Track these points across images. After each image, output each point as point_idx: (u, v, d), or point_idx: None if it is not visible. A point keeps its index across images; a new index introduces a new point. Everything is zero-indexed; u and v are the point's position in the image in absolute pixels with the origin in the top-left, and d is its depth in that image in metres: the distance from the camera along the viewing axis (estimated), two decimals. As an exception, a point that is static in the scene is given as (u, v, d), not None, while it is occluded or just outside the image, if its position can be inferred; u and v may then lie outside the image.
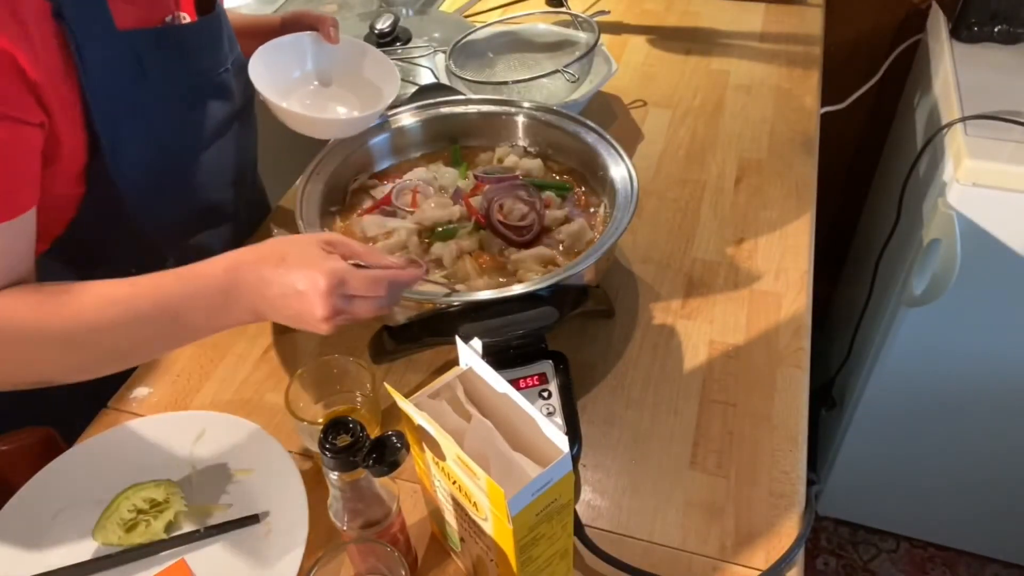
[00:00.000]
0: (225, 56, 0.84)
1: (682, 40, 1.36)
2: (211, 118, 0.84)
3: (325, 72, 0.96)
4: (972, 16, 1.25)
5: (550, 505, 0.50)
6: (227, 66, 0.85)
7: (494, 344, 0.67)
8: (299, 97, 0.94)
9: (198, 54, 0.80)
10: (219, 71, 0.83)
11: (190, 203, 0.87)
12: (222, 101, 0.85)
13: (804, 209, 0.99)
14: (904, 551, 1.64)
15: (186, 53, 0.79)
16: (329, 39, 0.93)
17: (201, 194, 0.88)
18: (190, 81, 0.80)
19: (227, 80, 0.85)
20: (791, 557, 0.64)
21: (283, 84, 0.92)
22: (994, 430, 1.32)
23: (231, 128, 0.88)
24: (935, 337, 1.23)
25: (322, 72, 0.96)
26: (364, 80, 0.96)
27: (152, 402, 0.79)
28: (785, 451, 0.72)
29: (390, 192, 0.90)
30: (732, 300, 0.87)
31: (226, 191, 0.91)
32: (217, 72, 0.83)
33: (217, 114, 0.84)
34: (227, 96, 0.86)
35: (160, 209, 0.83)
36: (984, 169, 1.03)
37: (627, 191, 0.81)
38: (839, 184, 1.79)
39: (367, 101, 0.94)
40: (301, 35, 0.93)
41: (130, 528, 0.66)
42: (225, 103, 0.86)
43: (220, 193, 0.91)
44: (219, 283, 0.63)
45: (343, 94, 0.97)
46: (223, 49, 0.84)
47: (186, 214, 0.87)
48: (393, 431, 0.54)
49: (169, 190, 0.83)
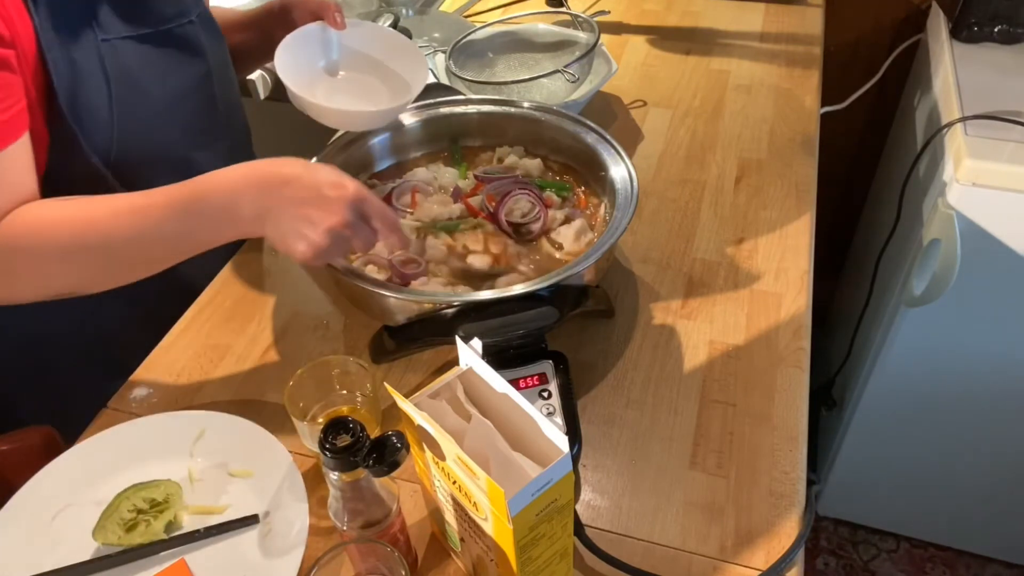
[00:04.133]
0: (188, 8, 0.84)
1: (682, 40, 1.36)
2: (179, 70, 0.83)
3: (351, 61, 0.94)
4: (972, 16, 1.25)
5: (550, 505, 0.50)
6: (191, 18, 0.84)
7: (494, 344, 0.67)
8: (325, 88, 0.92)
9: (151, 3, 0.80)
10: (182, 22, 0.83)
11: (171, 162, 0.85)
12: (189, 54, 0.84)
13: (804, 209, 0.99)
14: (904, 551, 1.64)
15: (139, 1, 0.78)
16: (335, 25, 0.91)
17: (180, 151, 0.86)
18: (149, 29, 0.79)
19: (192, 33, 0.84)
20: (791, 557, 0.64)
21: (309, 75, 0.90)
22: (994, 430, 1.32)
23: (205, 85, 0.87)
24: (935, 337, 1.23)
25: (348, 61, 0.94)
26: (390, 67, 0.94)
27: (152, 402, 0.79)
28: (785, 451, 0.72)
29: (390, 192, 0.90)
30: (732, 300, 0.87)
31: (209, 150, 0.90)
32: (180, 23, 0.82)
33: (185, 68, 0.84)
34: (194, 50, 0.85)
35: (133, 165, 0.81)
36: (984, 169, 1.03)
37: (627, 191, 0.81)
38: (839, 184, 1.79)
39: (395, 88, 0.93)
40: (320, 26, 0.91)
41: (130, 528, 0.66)
42: (193, 57, 0.85)
43: (201, 153, 0.89)
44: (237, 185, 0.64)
45: (371, 82, 0.95)
46: (183, 1, 0.83)
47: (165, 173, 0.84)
48: (393, 431, 0.54)
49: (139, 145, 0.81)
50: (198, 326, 0.87)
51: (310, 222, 0.63)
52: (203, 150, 0.89)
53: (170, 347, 0.85)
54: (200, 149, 0.89)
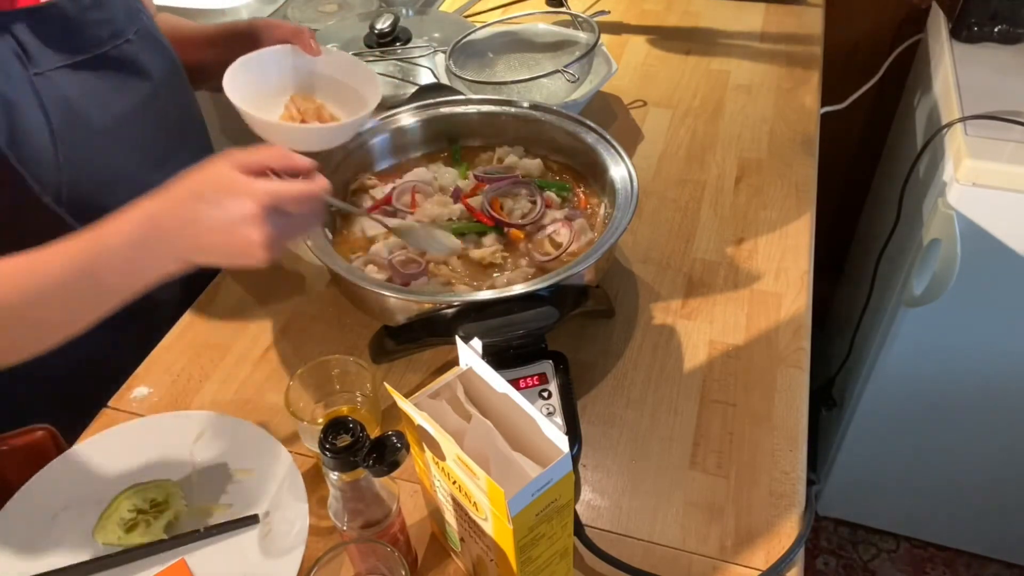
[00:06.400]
0: (122, 28, 0.81)
1: (682, 40, 1.36)
2: (122, 92, 0.81)
3: (308, 83, 0.93)
4: (972, 16, 1.25)
5: (550, 505, 0.50)
6: (127, 37, 0.82)
7: (494, 344, 0.67)
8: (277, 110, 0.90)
9: (82, 27, 0.77)
10: (118, 43, 0.80)
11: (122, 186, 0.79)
12: (131, 74, 0.82)
13: (804, 209, 0.99)
14: (904, 551, 1.64)
15: (69, 28, 0.76)
16: (310, 51, 0.90)
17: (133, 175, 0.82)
18: (84, 56, 0.77)
19: (130, 53, 0.82)
20: (791, 557, 0.64)
21: (260, 97, 0.88)
22: (994, 430, 1.32)
23: (152, 104, 0.84)
24: (935, 337, 1.23)
25: (305, 83, 0.93)
26: (348, 90, 0.92)
27: (152, 402, 0.79)
28: (785, 451, 0.72)
29: (390, 192, 0.90)
30: (732, 300, 0.87)
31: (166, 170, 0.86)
32: (115, 45, 0.80)
33: (129, 88, 0.82)
34: (136, 69, 0.83)
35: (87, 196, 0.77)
36: (984, 169, 1.03)
37: (627, 191, 0.81)
38: (839, 184, 1.79)
39: (351, 110, 0.90)
40: (279, 48, 0.90)
41: (130, 528, 0.66)
42: (136, 76, 0.83)
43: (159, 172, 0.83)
44: (134, 237, 0.60)
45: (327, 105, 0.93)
46: (117, 20, 0.81)
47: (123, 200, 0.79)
48: (393, 431, 0.54)
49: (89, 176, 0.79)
50: (198, 326, 0.87)
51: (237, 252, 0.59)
52: (158, 171, 0.83)
53: (170, 347, 0.85)
54: (155, 170, 0.83)
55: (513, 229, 0.85)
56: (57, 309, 0.63)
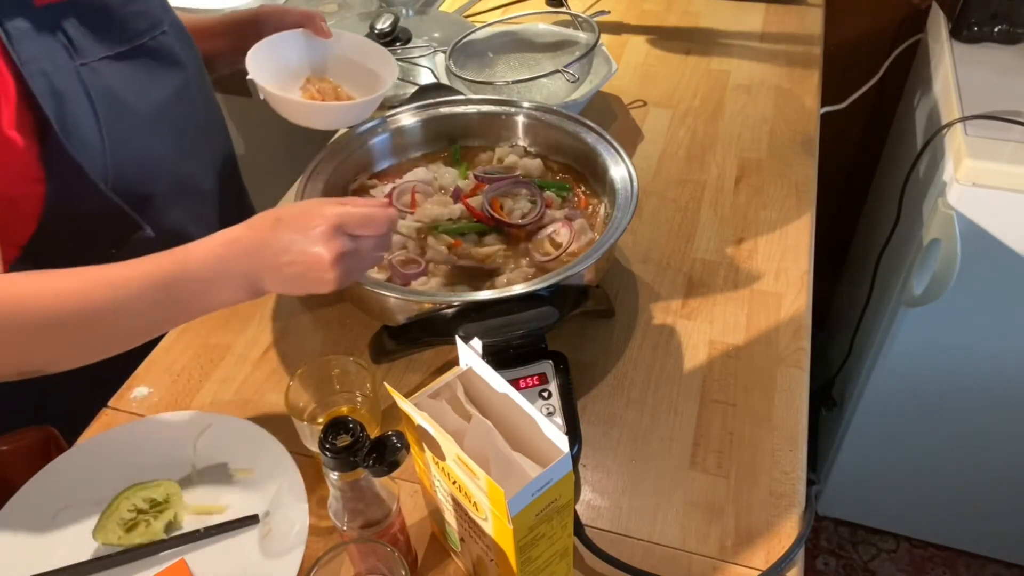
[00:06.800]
0: (158, 19, 0.84)
1: (682, 40, 1.36)
2: (160, 82, 0.83)
3: (322, 66, 0.96)
4: (972, 16, 1.25)
5: (550, 505, 0.50)
6: (163, 28, 0.84)
7: (494, 344, 0.67)
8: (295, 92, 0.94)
9: (123, 19, 0.79)
10: (155, 34, 0.83)
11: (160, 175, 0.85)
12: (167, 65, 0.84)
13: (804, 209, 0.99)
14: (904, 551, 1.64)
15: (111, 20, 0.78)
16: (322, 34, 0.93)
17: (172, 164, 0.86)
18: (125, 46, 0.79)
19: (167, 44, 0.84)
20: (791, 557, 0.64)
21: (281, 78, 0.92)
22: (994, 430, 1.32)
23: (186, 94, 0.87)
24: (935, 337, 1.23)
25: (318, 66, 0.96)
26: (363, 70, 0.96)
27: (152, 402, 0.79)
28: (785, 451, 0.72)
29: (390, 192, 0.90)
30: (732, 300, 0.87)
31: (197, 160, 0.90)
32: (153, 36, 0.82)
33: (166, 78, 0.84)
34: (172, 60, 0.85)
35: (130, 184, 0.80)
36: (984, 169, 1.03)
37: (627, 191, 0.81)
38: (839, 184, 1.79)
39: (367, 90, 0.94)
40: (295, 32, 0.93)
41: (130, 528, 0.66)
42: (172, 67, 0.85)
43: (191, 162, 0.89)
44: (215, 257, 0.63)
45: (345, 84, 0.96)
46: (153, 12, 0.83)
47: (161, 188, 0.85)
48: (393, 431, 0.54)
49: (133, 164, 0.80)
50: (198, 326, 0.87)
51: (307, 273, 0.63)
52: (193, 159, 0.90)
53: (170, 347, 0.85)
54: (190, 158, 0.89)
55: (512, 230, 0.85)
56: (127, 324, 0.65)
